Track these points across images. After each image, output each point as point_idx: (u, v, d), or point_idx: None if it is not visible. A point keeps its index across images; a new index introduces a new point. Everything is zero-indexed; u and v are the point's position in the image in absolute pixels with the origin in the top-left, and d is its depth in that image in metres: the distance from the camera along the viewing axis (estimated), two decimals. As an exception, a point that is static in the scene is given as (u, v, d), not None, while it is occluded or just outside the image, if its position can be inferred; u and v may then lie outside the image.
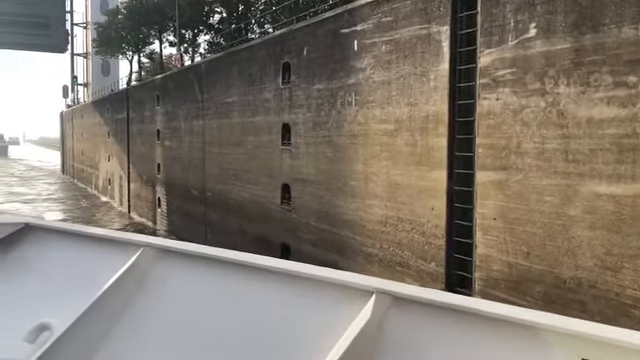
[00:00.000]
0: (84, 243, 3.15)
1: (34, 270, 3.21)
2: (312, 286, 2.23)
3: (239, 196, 17.17)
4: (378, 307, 2.01)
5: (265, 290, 2.39)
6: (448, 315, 1.91)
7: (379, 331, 1.99)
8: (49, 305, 2.85)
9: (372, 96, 10.91)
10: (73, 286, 2.88)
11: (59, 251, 3.22)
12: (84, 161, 45.69)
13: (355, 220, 11.48)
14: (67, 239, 3.25)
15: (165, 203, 24.79)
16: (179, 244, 2.82)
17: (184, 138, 22.16)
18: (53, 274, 3.12)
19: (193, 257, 2.66)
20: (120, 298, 2.65)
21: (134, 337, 2.59)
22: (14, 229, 3.31)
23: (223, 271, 2.51)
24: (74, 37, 63.29)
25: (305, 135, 13.35)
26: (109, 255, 2.89)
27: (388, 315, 2.02)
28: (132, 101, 30.50)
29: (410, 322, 1.99)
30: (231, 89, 17.61)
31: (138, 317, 2.63)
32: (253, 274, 2.40)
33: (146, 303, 2.66)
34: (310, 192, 13.19)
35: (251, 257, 2.47)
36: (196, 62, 21.60)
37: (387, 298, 2.03)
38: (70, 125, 54.68)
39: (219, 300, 2.50)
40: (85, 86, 62.24)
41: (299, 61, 13.60)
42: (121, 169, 32.88)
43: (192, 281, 2.65)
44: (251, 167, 16.36)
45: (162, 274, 2.73)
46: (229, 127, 17.86)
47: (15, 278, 3.21)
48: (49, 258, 3.24)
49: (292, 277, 2.28)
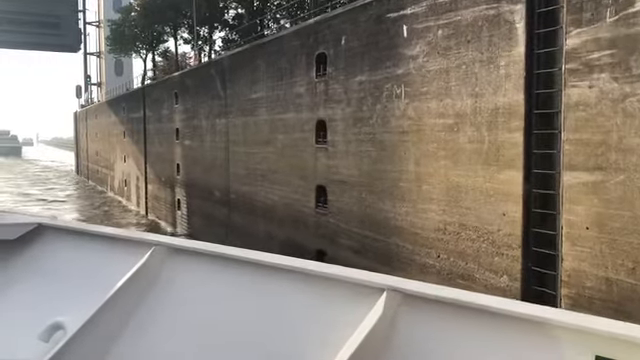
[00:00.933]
0: (96, 242, 3.15)
1: (47, 269, 3.23)
2: (323, 284, 2.19)
3: (267, 198, 16.05)
4: (389, 304, 1.99)
5: (276, 288, 2.36)
6: (460, 312, 1.87)
7: (390, 328, 1.98)
8: (62, 304, 2.87)
9: (426, 87, 9.71)
10: (86, 285, 2.89)
11: (72, 251, 3.23)
12: (99, 162, 44.87)
13: (405, 226, 10.31)
14: (79, 239, 3.25)
15: (185, 205, 23.76)
16: (190, 243, 2.80)
17: (205, 137, 21.08)
18: (66, 273, 3.13)
19: (204, 255, 2.63)
20: (132, 297, 2.64)
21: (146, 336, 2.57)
22: (27, 229, 3.32)
23: (234, 269, 2.49)
24: (87, 36, 62.57)
25: (344, 132, 12.18)
26: (121, 254, 2.88)
27: (399, 312, 2.00)
28: (149, 99, 29.50)
29: (422, 319, 1.97)
30: (257, 84, 16.48)
31: (150, 316, 2.62)
32: (264, 272, 2.38)
33: (158, 302, 2.65)
34: (350, 195, 12.02)
35: (262, 255, 2.43)
36: (218, 57, 20.52)
37: (398, 295, 2.01)
38: (84, 125, 53.93)
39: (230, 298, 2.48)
40: (99, 86, 61.53)
41: (336, 51, 12.43)
42: (138, 170, 31.93)
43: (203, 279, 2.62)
44: (280, 167, 15.22)
45: (173, 273, 2.71)
46: (255, 125, 16.74)
47: (29, 277, 3.24)
48: (62, 257, 3.25)
49: (303, 275, 2.25)
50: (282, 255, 2.44)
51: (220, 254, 2.58)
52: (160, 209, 27.68)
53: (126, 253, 2.85)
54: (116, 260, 2.88)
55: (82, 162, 55.42)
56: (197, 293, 2.62)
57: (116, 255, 2.95)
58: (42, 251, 3.33)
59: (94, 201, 37.09)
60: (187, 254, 2.74)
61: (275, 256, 2.42)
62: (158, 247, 2.77)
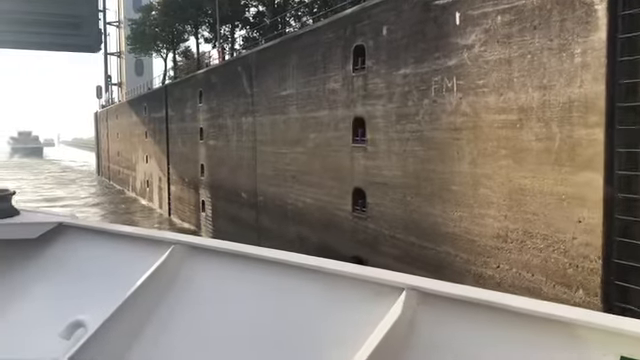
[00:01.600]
0: (116, 241, 3.15)
1: (68, 268, 3.24)
2: (342, 283, 2.15)
3: (298, 201, 15.23)
4: (409, 304, 1.94)
5: (295, 287, 2.32)
6: (481, 311, 1.81)
7: (410, 328, 1.95)
8: (83, 302, 2.88)
9: (483, 79, 8.79)
10: (106, 283, 2.89)
11: (92, 249, 3.24)
12: (120, 162, 44.51)
13: (459, 233, 9.40)
14: (100, 237, 3.26)
15: (210, 207, 23.05)
16: (209, 241, 2.80)
17: (231, 137, 20.33)
18: (87, 272, 3.15)
19: (223, 254, 2.61)
20: (152, 295, 2.64)
21: (166, 334, 2.57)
22: (49, 228, 3.35)
23: (253, 268, 2.47)
24: (107, 36, 62.32)
25: (386, 130, 11.29)
26: (141, 253, 2.87)
27: (419, 312, 1.96)
28: (171, 99, 28.88)
29: (442, 319, 1.91)
30: (287, 81, 15.66)
31: (169, 314, 2.61)
32: (283, 271, 2.34)
33: (177, 300, 2.65)
34: (393, 198, 11.14)
35: (281, 254, 2.41)
36: (244, 53, 19.74)
37: (418, 294, 1.96)
38: (105, 125, 53.70)
39: (249, 297, 2.46)
40: (119, 86, 61.33)
41: (377, 43, 11.54)
42: (160, 170, 31.37)
43: (222, 278, 2.60)
44: (313, 168, 14.39)
45: (193, 271, 2.70)
46: (285, 123, 15.92)
47: (50, 276, 3.26)
48: (83, 256, 3.26)
49: (322, 274, 2.21)
50: (301, 254, 2.38)
51: (239, 253, 2.56)
52: (183, 210, 27.04)
53: (146, 252, 2.84)
54: (136, 259, 2.87)
55: (103, 162, 55.22)
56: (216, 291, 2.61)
57: (136, 254, 2.94)
58: (63, 250, 3.35)
59: (115, 202, 36.66)
60: (206, 253, 2.72)
61: (294, 255, 2.38)
62: (177, 246, 2.76)
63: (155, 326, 2.63)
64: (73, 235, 3.38)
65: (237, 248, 2.59)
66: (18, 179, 51.75)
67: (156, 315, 2.66)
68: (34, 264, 3.38)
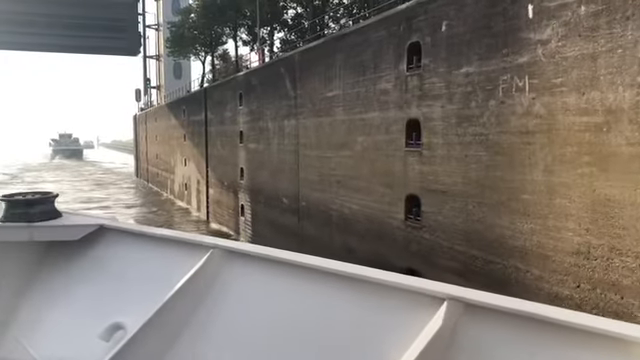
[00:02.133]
0: (155, 244, 3.16)
1: (108, 270, 3.26)
2: (381, 291, 2.10)
3: (344, 207, 14.51)
4: (450, 315, 1.88)
5: (332, 294, 2.28)
6: (526, 324, 1.74)
7: (451, 340, 1.87)
8: (122, 304, 2.90)
9: (561, 78, 7.91)
10: (145, 286, 2.89)
11: (132, 252, 3.25)
12: (158, 165, 44.63)
13: (530, 247, 8.52)
14: (140, 240, 3.26)
15: (249, 211, 22.55)
16: (248, 246, 2.75)
17: (272, 140, 19.77)
18: (126, 274, 3.15)
19: (262, 259, 2.59)
20: (190, 299, 2.65)
21: (203, 338, 2.58)
22: (90, 230, 3.37)
23: (291, 274, 2.44)
24: (146, 39, 63.00)
25: (444, 133, 10.49)
26: (179, 256, 2.87)
27: (460, 323, 1.88)
28: (210, 101, 28.58)
29: (484, 331, 1.84)
30: (333, 81, 14.98)
31: (207, 318, 2.61)
32: (321, 277, 2.31)
33: (215, 304, 2.65)
34: (452, 207, 10.31)
35: (319, 260, 2.36)
36: (287, 54, 19.18)
37: (459, 305, 1.89)
38: (143, 128, 54.11)
39: (286, 302, 2.44)
40: (157, 89, 61.82)
41: (435, 40, 10.75)
42: (199, 173, 31.11)
43: (260, 283, 2.59)
44: (361, 173, 13.65)
45: (231, 276, 2.70)
46: (330, 126, 15.24)
47: (91, 277, 3.28)
48: (122, 259, 3.27)
49: (360, 282, 2.16)
50: (339, 261, 2.32)
51: (277, 258, 2.53)
52: (222, 214, 26.65)
53: (184, 255, 2.85)
54: (175, 262, 2.88)
55: (142, 165, 55.64)
56: (254, 296, 2.61)
57: (174, 257, 2.94)
58: (104, 252, 3.38)
59: (154, 204, 36.62)
60: (244, 257, 2.71)
61: (332, 262, 2.34)
62: (216, 250, 2.77)
63: (193, 330, 2.63)
64: (113, 237, 3.40)
65: (275, 254, 2.56)
66: (59, 180, 52.56)
67: (194, 319, 2.65)
68: (76, 266, 3.41)
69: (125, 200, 38.82)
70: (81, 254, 3.42)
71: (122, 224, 3.56)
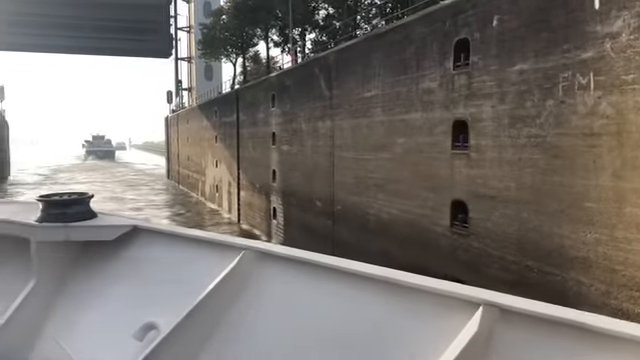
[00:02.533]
0: (188, 245, 3.18)
1: (142, 270, 3.28)
2: (414, 296, 2.06)
3: (383, 212, 13.91)
4: (486, 320, 1.82)
5: (364, 297, 2.25)
6: (565, 332, 1.67)
7: (486, 346, 1.82)
8: (156, 305, 2.92)
9: (633, 74, 7.19)
10: (178, 287, 2.92)
11: (165, 252, 3.28)
12: (190, 166, 44.65)
13: (595, 259, 7.80)
14: (172, 241, 3.29)
15: (282, 214, 22.10)
16: (279, 248, 2.76)
17: (306, 142, 19.28)
18: (159, 275, 3.18)
19: (293, 261, 2.57)
20: (222, 300, 2.67)
21: (235, 339, 2.59)
22: (124, 231, 3.40)
23: (323, 276, 2.41)
24: (178, 42, 63.38)
25: (495, 135, 9.81)
26: (212, 257, 2.89)
27: (497, 329, 1.83)
28: (242, 103, 28.28)
29: (521, 338, 1.78)
30: (372, 81, 14.40)
31: (239, 319, 2.63)
32: (353, 280, 2.28)
33: (246, 305, 2.65)
34: (504, 213, 9.63)
35: (351, 263, 2.34)
36: (323, 53, 18.67)
37: (496, 311, 1.83)
38: (175, 130, 54.33)
39: (318, 305, 2.42)
40: (189, 90, 62.11)
41: (485, 35, 10.09)
42: (230, 175, 30.85)
43: (292, 285, 2.57)
44: (401, 176, 13.03)
45: (262, 277, 2.70)
46: (368, 127, 14.66)
47: (125, 278, 3.31)
48: (156, 259, 3.30)
49: (393, 285, 2.14)
50: (372, 265, 2.27)
51: (309, 260, 2.50)
52: (254, 217, 26.28)
53: (217, 256, 2.85)
54: (207, 263, 2.89)
55: (173, 166, 55.88)
56: (285, 298, 2.57)
57: (207, 258, 2.95)
58: (137, 252, 3.40)
59: (185, 206, 36.54)
60: (276, 259, 2.68)
61: (364, 265, 2.31)
62: (248, 251, 2.75)
63: (224, 331, 2.63)
64: (147, 238, 3.42)
65: (307, 256, 2.54)
66: (91, 181, 53.12)
67: (225, 320, 2.66)
68: (110, 266, 3.45)
69: (157, 201, 38.88)
70: (115, 254, 3.47)
71: (155, 225, 3.59)
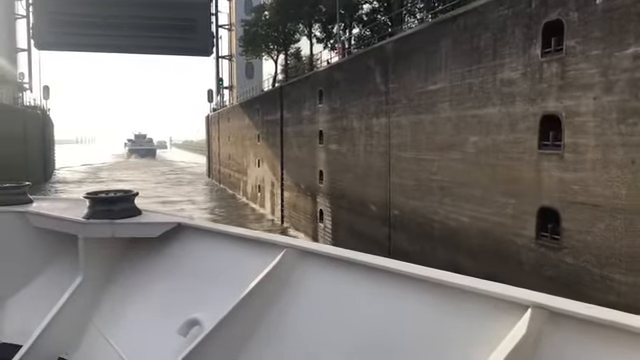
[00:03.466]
0: (230, 243, 3.17)
1: (186, 267, 3.33)
2: (459, 297, 2.00)
3: (450, 219, 12.47)
4: (534, 323, 1.76)
5: (408, 297, 2.19)
6: (617, 336, 1.59)
7: (535, 349, 1.75)
8: (199, 301, 2.96)
9: None
10: (220, 283, 2.95)
11: (208, 250, 3.29)
12: (231, 165, 43.90)
13: None
14: (215, 238, 3.28)
15: (329, 217, 20.84)
16: (321, 246, 2.70)
17: (357, 140, 17.95)
18: (202, 271, 3.21)
19: (335, 260, 2.54)
20: (264, 298, 2.66)
21: (277, 337, 2.58)
22: (168, 228, 3.44)
23: (365, 275, 2.39)
24: (219, 39, 62.91)
25: (599, 132, 8.29)
26: (254, 255, 2.90)
27: (546, 332, 1.77)
28: (287, 100, 27.14)
29: (570, 341, 1.71)
30: (437, 73, 12.98)
31: (280, 317, 2.62)
32: (396, 280, 2.24)
33: (288, 303, 2.64)
34: (610, 225, 8.10)
35: (394, 263, 2.32)
36: (378, 44, 17.29)
37: (545, 313, 1.78)
38: (216, 129, 53.78)
39: (360, 304, 2.39)
40: (230, 89, 61.59)
41: (584, 15, 8.57)
42: (273, 175, 29.78)
43: (333, 283, 2.54)
44: (474, 179, 11.58)
45: (304, 276, 2.68)
46: (432, 124, 13.24)
47: (169, 274, 3.36)
48: (199, 256, 3.33)
49: (437, 286, 2.08)
50: (415, 264, 2.22)
51: (351, 259, 2.46)
52: (298, 219, 25.11)
53: (258, 254, 2.85)
54: (249, 260, 2.89)
55: (214, 165, 55.39)
56: (327, 297, 2.55)
57: (249, 256, 2.95)
58: (181, 249, 3.41)
59: (226, 206, 35.71)
60: (318, 258, 2.65)
61: (406, 264, 2.27)
62: (289, 249, 2.74)
63: (266, 329, 2.61)
64: (191, 235, 3.42)
65: (348, 254, 2.49)
66: (134, 180, 53.03)
67: (268, 317, 2.64)
68: (155, 262, 3.49)
69: (198, 202, 38.20)
70: (160, 251, 3.49)
71: (198, 222, 3.55)
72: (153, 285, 3.40)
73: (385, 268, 2.30)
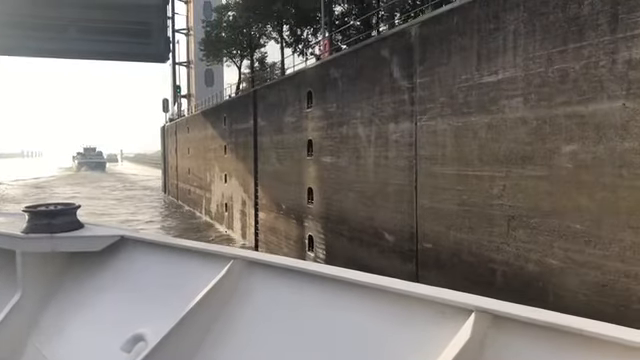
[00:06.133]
0: (176, 255, 3.14)
1: (130, 281, 3.27)
2: (404, 303, 2.05)
3: (529, 260, 8.93)
4: (478, 327, 1.80)
5: (355, 305, 2.23)
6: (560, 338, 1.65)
7: (479, 353, 1.79)
8: (144, 316, 2.91)
9: None
10: (166, 297, 2.91)
11: (153, 263, 3.25)
12: (191, 180, 39.46)
13: None
14: (160, 251, 3.26)
15: (322, 246, 17.04)
16: (269, 257, 2.74)
17: (365, 151, 14.29)
18: (147, 285, 3.16)
19: (283, 270, 2.55)
20: (211, 310, 2.64)
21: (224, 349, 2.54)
22: (111, 241, 3.39)
23: (313, 284, 2.39)
24: (176, 44, 58.43)
25: None
26: (201, 267, 2.87)
27: (489, 336, 1.81)
28: (262, 105, 23.29)
29: (514, 344, 1.77)
30: (498, 57, 9.49)
31: (228, 329, 2.61)
32: (343, 288, 2.26)
33: (236, 315, 2.63)
34: None
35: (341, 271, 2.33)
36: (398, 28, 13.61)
37: (488, 317, 1.82)
38: (173, 140, 49.14)
39: (308, 314, 2.39)
40: (188, 97, 57.06)
41: None
42: (244, 192, 25.77)
43: (282, 294, 2.55)
44: (571, 205, 8.08)
45: (251, 286, 2.67)
46: (491, 129, 9.71)
47: (113, 288, 3.30)
48: (143, 269, 3.26)
49: (384, 293, 2.12)
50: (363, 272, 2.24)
51: (298, 269, 2.47)
52: (278, 244, 21.18)
53: (205, 266, 2.81)
54: (195, 273, 2.85)
55: (170, 180, 50.63)
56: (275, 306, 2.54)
57: (196, 268, 2.90)
58: (125, 263, 3.35)
59: (188, 228, 31.33)
60: (265, 268, 2.65)
61: (355, 272, 2.27)
62: (236, 260, 2.72)
63: (214, 341, 2.57)
64: (134, 248, 3.36)
65: (295, 264, 2.49)
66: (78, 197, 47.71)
67: (215, 330, 2.60)
68: (97, 276, 3.40)
69: (155, 220, 33.64)
70: (103, 265, 3.40)
71: (143, 235, 3.49)
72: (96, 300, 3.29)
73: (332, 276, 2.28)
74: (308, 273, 2.40)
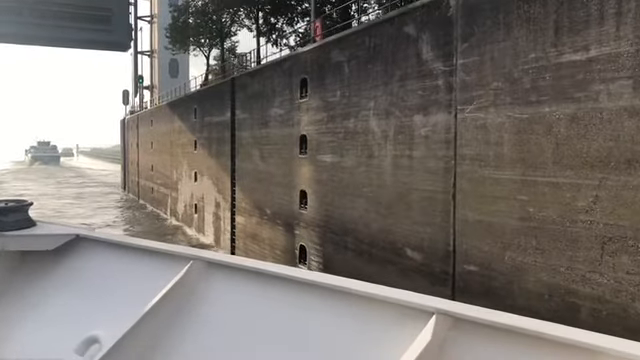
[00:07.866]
0: (134, 255, 3.05)
1: (84, 281, 3.16)
2: (366, 305, 2.05)
3: (634, 297, 6.70)
4: (439, 329, 1.82)
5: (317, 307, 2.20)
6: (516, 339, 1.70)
7: (440, 355, 1.81)
8: (99, 317, 2.82)
9: None
10: (122, 298, 2.82)
11: (109, 263, 3.16)
12: (154, 178, 36.29)
13: None
14: (117, 251, 3.17)
15: (319, 258, 14.56)
16: (228, 257, 2.70)
17: (378, 148, 11.87)
18: (103, 286, 3.06)
19: (243, 271, 2.51)
20: (169, 312, 2.56)
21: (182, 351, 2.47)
22: (66, 240, 3.29)
23: (273, 286, 2.35)
24: (138, 32, 54.73)
25: None
26: (158, 268, 2.79)
27: (450, 338, 1.83)
28: (241, 95, 20.59)
29: (474, 346, 1.79)
30: (590, 28, 7.22)
31: (186, 331, 2.53)
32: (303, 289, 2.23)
33: (194, 317, 2.56)
34: None
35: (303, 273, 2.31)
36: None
37: (448, 319, 1.85)
38: (134, 134, 45.64)
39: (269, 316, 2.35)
40: (150, 89, 53.54)
41: None
42: (218, 193, 23.02)
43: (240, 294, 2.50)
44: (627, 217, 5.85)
45: (211, 287, 2.61)
46: (576, 122, 7.45)
47: (66, 289, 3.18)
48: (99, 270, 3.18)
49: (346, 295, 2.10)
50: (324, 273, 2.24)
51: (258, 270, 2.43)
52: (261, 254, 18.55)
53: (164, 267, 2.74)
54: (154, 273, 2.77)
55: (130, 177, 47.13)
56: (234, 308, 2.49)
57: (154, 268, 2.83)
58: (80, 262, 3.25)
59: (151, 231, 28.29)
60: (225, 269, 2.60)
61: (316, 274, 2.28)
62: (196, 261, 2.67)
63: (171, 343, 2.49)
64: (90, 248, 3.27)
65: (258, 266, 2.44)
66: (31, 194, 43.79)
67: (172, 332, 2.52)
68: (50, 276, 3.28)
69: (116, 222, 30.43)
70: (56, 264, 3.29)
71: (99, 234, 3.38)
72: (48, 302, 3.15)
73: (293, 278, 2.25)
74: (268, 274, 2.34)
